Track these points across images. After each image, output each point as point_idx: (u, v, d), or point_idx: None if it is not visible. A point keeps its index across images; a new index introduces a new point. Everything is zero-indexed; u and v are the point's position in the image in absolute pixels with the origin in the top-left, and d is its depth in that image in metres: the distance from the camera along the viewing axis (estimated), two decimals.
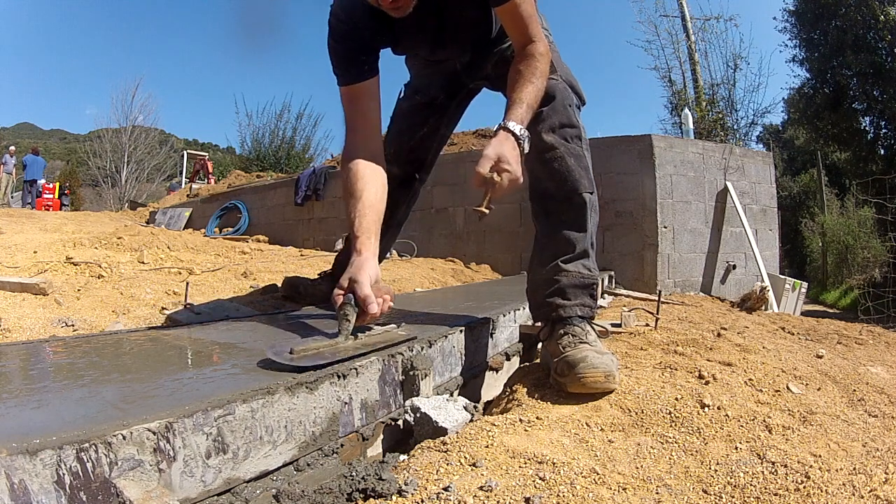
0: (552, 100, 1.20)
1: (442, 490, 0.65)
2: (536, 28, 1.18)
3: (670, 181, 4.12)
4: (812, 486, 0.70)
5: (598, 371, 0.96)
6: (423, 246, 4.79)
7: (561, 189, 1.17)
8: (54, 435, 0.50)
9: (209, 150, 28.36)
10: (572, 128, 1.20)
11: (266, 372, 0.80)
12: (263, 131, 14.86)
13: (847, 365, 1.64)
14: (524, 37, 1.18)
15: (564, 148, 1.17)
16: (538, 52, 1.16)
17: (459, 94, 1.58)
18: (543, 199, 1.22)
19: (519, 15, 1.16)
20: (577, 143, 1.19)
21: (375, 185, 1.19)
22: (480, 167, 1.03)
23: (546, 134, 1.17)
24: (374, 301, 0.99)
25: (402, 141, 1.61)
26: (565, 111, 1.20)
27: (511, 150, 1.05)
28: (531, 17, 1.17)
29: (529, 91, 1.13)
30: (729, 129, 10.38)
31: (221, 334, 1.19)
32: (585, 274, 1.15)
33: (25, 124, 61.33)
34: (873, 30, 8.55)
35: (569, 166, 1.16)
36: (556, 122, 1.18)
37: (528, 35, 1.18)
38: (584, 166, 1.19)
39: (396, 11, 1.12)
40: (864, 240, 9.66)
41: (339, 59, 1.25)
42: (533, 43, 1.17)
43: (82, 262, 2.68)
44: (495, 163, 1.04)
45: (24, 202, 12.92)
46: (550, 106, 1.19)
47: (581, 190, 1.17)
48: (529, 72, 1.14)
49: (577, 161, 1.17)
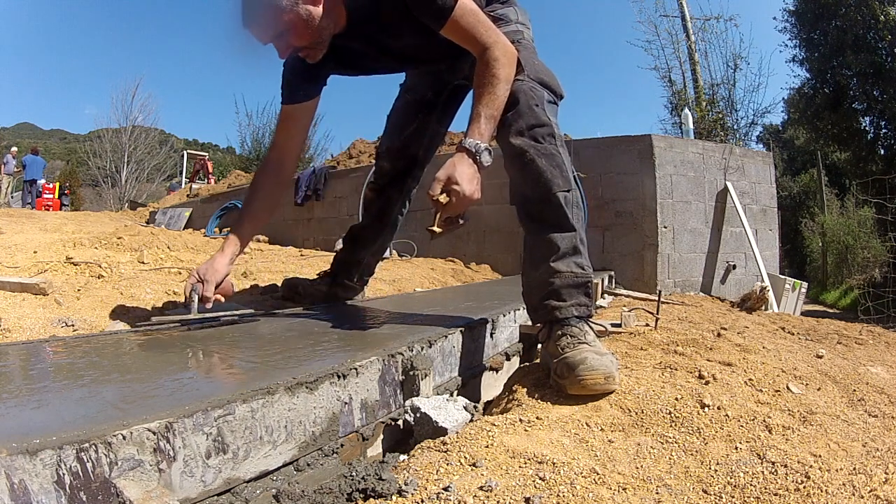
0: (516, 104, 1.18)
1: (442, 490, 0.64)
2: (487, 34, 1.18)
3: (670, 181, 4.12)
4: (812, 486, 0.70)
5: (598, 373, 0.96)
6: (423, 246, 4.79)
7: (536, 191, 1.16)
8: (54, 435, 0.50)
9: (209, 150, 28.40)
10: (541, 126, 1.18)
11: (266, 372, 0.80)
12: (263, 131, 14.86)
13: (847, 365, 1.64)
14: (476, 47, 1.19)
15: (534, 150, 1.15)
16: (493, 59, 1.17)
17: (445, 91, 1.61)
18: (523, 203, 1.21)
19: (462, 28, 1.17)
20: (549, 142, 1.17)
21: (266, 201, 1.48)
22: (431, 189, 1.08)
23: (514, 138, 1.17)
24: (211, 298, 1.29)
25: (394, 137, 1.67)
26: (531, 112, 1.18)
27: (466, 168, 1.08)
28: (476, 26, 1.18)
29: (487, 101, 1.14)
30: (729, 129, 10.38)
31: (221, 334, 1.19)
32: (578, 273, 1.13)
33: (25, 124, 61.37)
34: (873, 30, 8.55)
35: (540, 168, 1.14)
36: (523, 125, 1.17)
37: (481, 44, 1.18)
38: (556, 164, 1.16)
39: (308, 59, 1.27)
40: (864, 240, 9.67)
41: (284, 81, 1.43)
42: (487, 49, 1.18)
43: (82, 262, 2.68)
44: (445, 183, 1.07)
45: (24, 202, 12.93)
46: (515, 110, 1.18)
47: (555, 189, 1.14)
48: (487, 81, 1.16)
49: (548, 160, 1.15)
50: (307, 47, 1.23)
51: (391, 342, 1.02)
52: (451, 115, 1.69)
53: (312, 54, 1.25)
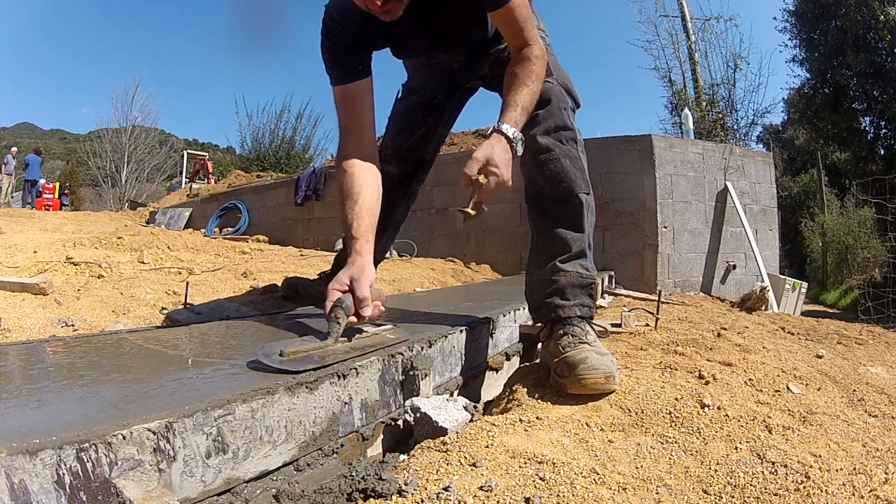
0: (548, 103, 1.20)
1: (442, 490, 0.64)
2: (532, 31, 1.19)
3: (670, 181, 4.12)
4: (812, 486, 0.70)
5: (599, 372, 0.96)
6: (423, 246, 4.79)
7: (556, 190, 1.18)
8: (54, 435, 0.50)
9: (209, 150, 28.36)
10: (567, 130, 1.21)
11: (266, 372, 0.79)
12: (263, 131, 14.84)
13: (847, 365, 1.64)
14: (520, 40, 1.19)
15: (559, 150, 1.18)
16: (534, 56, 1.17)
17: (456, 93, 1.59)
18: (539, 201, 1.22)
19: (514, 19, 1.16)
20: (572, 146, 1.20)
21: (371, 188, 1.19)
22: (468, 168, 1.04)
23: (541, 137, 1.18)
24: (369, 304, 0.99)
25: (400, 140, 1.61)
26: (560, 114, 1.21)
27: (502, 153, 1.06)
28: (526, 20, 1.17)
29: (524, 94, 1.13)
30: (729, 129, 10.37)
31: (221, 334, 1.19)
32: (584, 274, 1.15)
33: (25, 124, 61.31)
34: (873, 30, 8.54)
35: (564, 168, 1.17)
36: (552, 125, 1.19)
37: (524, 38, 1.18)
38: (579, 167, 1.19)
39: (386, 15, 1.12)
40: (864, 240, 9.66)
41: (333, 58, 1.26)
42: (529, 46, 1.18)
43: (82, 262, 2.68)
44: (483, 165, 1.05)
45: (25, 202, 12.93)
46: (546, 109, 1.20)
47: (577, 191, 1.17)
48: (525, 75, 1.15)
49: (572, 163, 1.18)
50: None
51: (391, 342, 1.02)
52: (456, 118, 1.68)
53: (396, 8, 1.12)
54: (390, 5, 1.10)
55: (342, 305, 0.95)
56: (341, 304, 0.95)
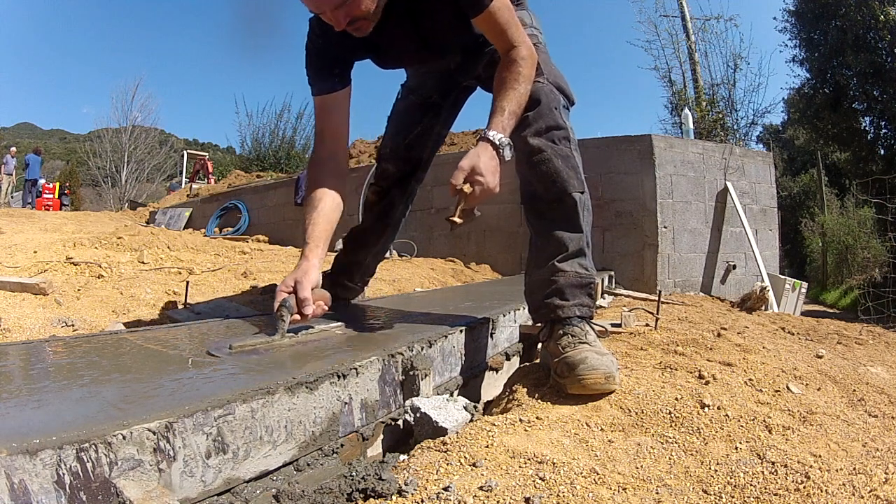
0: (538, 104, 1.20)
1: (442, 490, 0.64)
2: (516, 32, 1.19)
3: (670, 181, 4.12)
4: (812, 486, 0.70)
5: (599, 372, 0.96)
6: (423, 246, 4.79)
7: (550, 191, 1.18)
8: (54, 435, 0.50)
9: (209, 150, 28.38)
10: (559, 129, 1.20)
11: (266, 372, 0.80)
12: (263, 131, 14.85)
13: (847, 365, 1.64)
14: (505, 43, 1.19)
15: (552, 150, 1.17)
16: (520, 57, 1.17)
17: (452, 92, 1.60)
18: (535, 202, 1.22)
19: (496, 23, 1.17)
20: (564, 145, 1.20)
21: (331, 196, 1.27)
22: (454, 178, 1.07)
23: (532, 138, 1.18)
24: (310, 304, 1.08)
25: (398, 140, 1.63)
26: (551, 114, 1.20)
27: (488, 160, 1.08)
28: (509, 22, 1.18)
29: (511, 97, 1.14)
30: (729, 129, 10.38)
31: (221, 334, 1.19)
32: (583, 273, 1.15)
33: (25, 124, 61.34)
34: (873, 30, 8.54)
35: (557, 168, 1.16)
36: (543, 126, 1.19)
37: (509, 41, 1.18)
38: (572, 166, 1.19)
39: (357, 32, 1.17)
40: (864, 240, 9.66)
41: (313, 70, 1.32)
42: (515, 48, 1.18)
43: (82, 262, 2.68)
44: (469, 174, 1.07)
45: (25, 202, 12.93)
46: (536, 110, 1.19)
47: (570, 190, 1.17)
48: (512, 78, 1.16)
49: (564, 162, 1.18)
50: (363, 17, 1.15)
51: (391, 342, 1.02)
52: (455, 117, 1.69)
53: (365, 26, 1.16)
54: (358, 24, 1.15)
55: (286, 305, 1.04)
56: (286, 304, 1.04)
